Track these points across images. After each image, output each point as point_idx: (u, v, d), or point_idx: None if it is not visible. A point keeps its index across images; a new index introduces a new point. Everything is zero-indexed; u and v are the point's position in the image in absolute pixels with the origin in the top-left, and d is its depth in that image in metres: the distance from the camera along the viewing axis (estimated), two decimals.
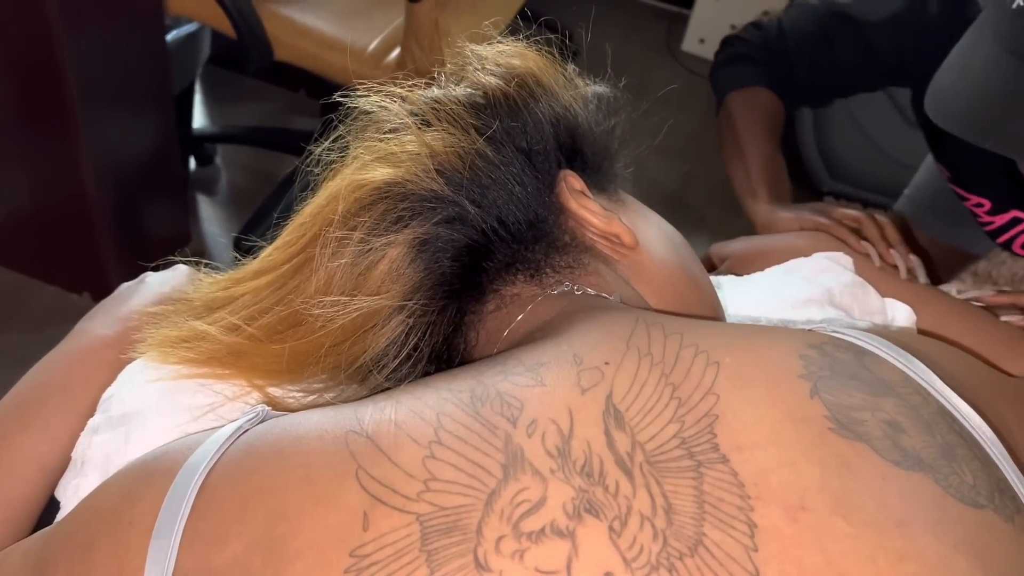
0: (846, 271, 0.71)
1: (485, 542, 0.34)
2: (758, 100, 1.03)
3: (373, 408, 0.40)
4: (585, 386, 0.39)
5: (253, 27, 1.44)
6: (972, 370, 0.49)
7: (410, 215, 0.48)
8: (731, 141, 1.02)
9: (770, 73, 1.03)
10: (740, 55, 1.05)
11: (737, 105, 1.03)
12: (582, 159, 0.55)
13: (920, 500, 0.36)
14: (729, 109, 1.04)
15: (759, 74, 1.04)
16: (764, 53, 1.03)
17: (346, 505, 0.35)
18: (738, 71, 1.05)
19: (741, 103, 1.03)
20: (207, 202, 1.93)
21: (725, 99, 1.05)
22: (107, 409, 0.53)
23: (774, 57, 1.03)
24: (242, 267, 0.54)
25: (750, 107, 1.03)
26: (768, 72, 1.03)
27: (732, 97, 1.04)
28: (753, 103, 1.03)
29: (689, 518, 0.35)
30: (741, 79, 1.05)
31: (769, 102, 1.04)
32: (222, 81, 2.17)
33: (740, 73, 1.05)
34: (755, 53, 1.04)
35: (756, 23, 1.06)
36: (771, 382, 0.39)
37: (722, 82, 1.07)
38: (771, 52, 1.03)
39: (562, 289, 0.50)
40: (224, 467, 0.39)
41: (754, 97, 1.04)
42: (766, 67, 1.03)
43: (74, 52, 1.28)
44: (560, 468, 0.36)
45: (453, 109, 0.51)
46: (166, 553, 0.37)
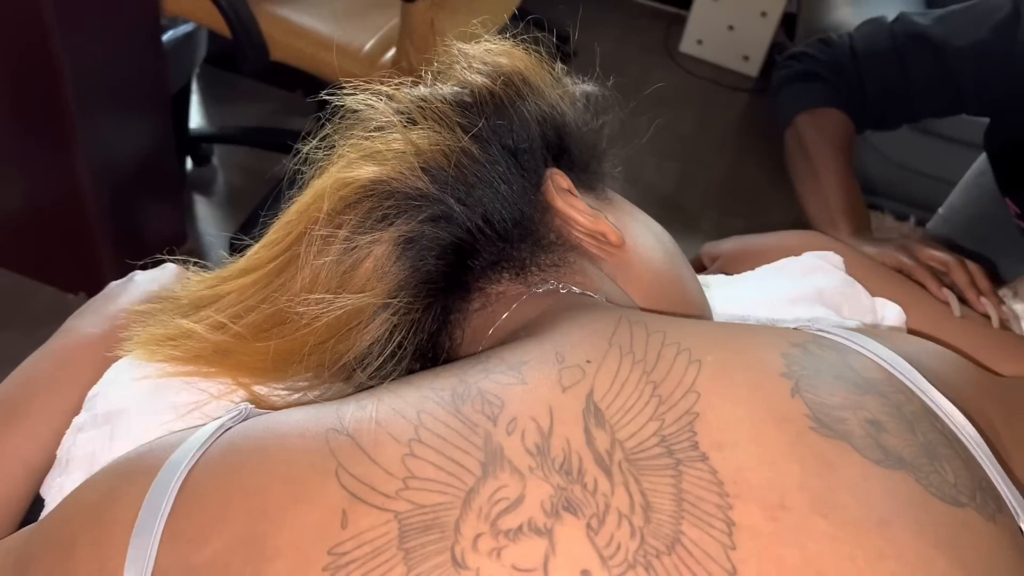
0: (836, 270, 0.71)
1: (463, 540, 0.34)
2: (831, 122, 0.98)
3: (355, 406, 0.40)
4: (566, 384, 0.39)
5: (249, 27, 1.44)
6: (958, 369, 0.49)
7: (395, 213, 0.48)
8: (805, 166, 0.96)
9: (842, 94, 0.98)
10: (809, 73, 1.00)
11: (809, 127, 0.98)
12: (569, 158, 0.55)
13: (901, 499, 0.36)
14: (800, 131, 0.98)
15: (831, 94, 0.98)
16: (835, 73, 0.98)
17: (326, 503, 0.35)
18: (808, 90, 0.99)
19: (813, 125, 0.98)
20: (204, 202, 1.93)
21: (794, 120, 0.99)
22: (92, 407, 0.53)
23: (846, 78, 0.98)
24: (229, 265, 0.54)
25: (823, 130, 0.97)
26: (840, 93, 0.98)
27: (803, 118, 0.99)
28: (826, 126, 0.97)
29: (667, 516, 0.34)
30: (812, 99, 0.99)
31: (842, 125, 0.98)
32: (218, 81, 2.17)
33: (810, 93, 0.99)
34: (825, 72, 0.99)
35: (825, 40, 1.01)
36: (753, 380, 0.39)
37: (790, 101, 1.01)
38: (843, 72, 0.98)
39: (547, 288, 0.50)
40: (205, 465, 0.39)
41: (826, 119, 0.98)
42: (837, 87, 0.98)
43: (70, 52, 1.28)
44: (539, 466, 0.36)
45: (439, 107, 0.51)
46: (146, 551, 0.37)
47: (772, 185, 2.28)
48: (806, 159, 0.96)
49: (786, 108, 1.01)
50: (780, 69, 1.04)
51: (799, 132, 0.98)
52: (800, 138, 0.98)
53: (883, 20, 0.99)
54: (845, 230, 0.89)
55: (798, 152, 0.98)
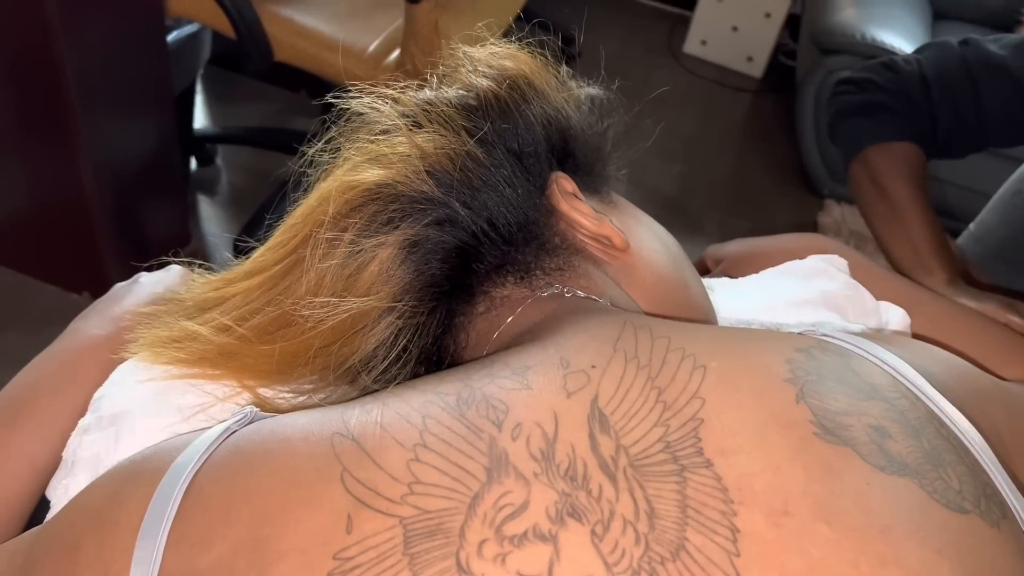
0: (840, 273, 0.71)
1: (468, 546, 0.34)
2: (907, 158, 0.92)
3: (360, 410, 0.40)
4: (571, 390, 0.39)
5: (253, 28, 1.45)
6: (963, 374, 0.49)
7: (400, 217, 0.49)
8: (884, 208, 0.92)
9: (913, 126, 0.93)
10: (875, 104, 0.94)
11: (884, 164, 0.92)
12: (574, 161, 0.55)
13: (904, 505, 0.36)
14: (874, 167, 0.93)
15: (902, 127, 0.93)
16: (905, 103, 0.93)
17: (330, 507, 0.36)
18: (878, 123, 0.94)
19: (888, 162, 0.92)
20: (207, 202, 1.93)
21: (863, 154, 0.94)
22: (98, 409, 0.53)
23: (916, 108, 0.93)
24: (234, 268, 0.54)
25: (900, 167, 0.92)
26: (911, 125, 0.93)
27: (874, 154, 0.93)
28: (902, 162, 0.92)
29: (672, 523, 0.34)
30: (883, 132, 0.93)
31: (917, 159, 0.93)
32: (222, 81, 2.18)
33: (881, 125, 0.94)
34: (894, 103, 0.93)
35: (889, 65, 0.96)
36: (757, 386, 0.39)
37: (858, 134, 0.95)
38: (913, 103, 0.93)
39: (552, 291, 0.50)
40: (211, 468, 0.39)
41: (901, 154, 0.93)
42: (909, 119, 0.93)
43: (74, 52, 1.29)
44: (544, 472, 0.36)
45: (444, 111, 0.51)
46: (151, 554, 0.37)
47: (776, 186, 2.28)
48: (884, 199, 0.92)
49: (853, 142, 0.96)
50: (839, 95, 0.99)
51: (873, 169, 0.93)
52: (875, 175, 0.93)
53: (950, 45, 0.95)
54: (940, 277, 0.86)
55: (873, 191, 0.93)
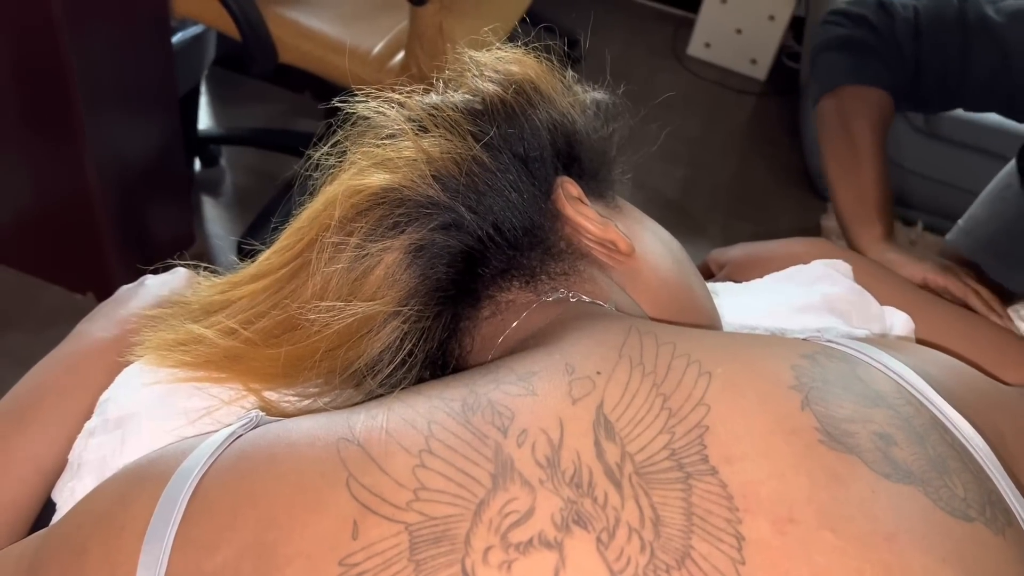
0: (844, 278, 0.71)
1: (473, 552, 0.34)
2: (881, 109, 0.91)
3: (365, 415, 0.40)
4: (576, 396, 0.39)
5: (257, 29, 1.45)
6: (967, 380, 0.49)
7: (406, 221, 0.49)
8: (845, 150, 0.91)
9: (895, 74, 0.92)
10: (862, 42, 0.92)
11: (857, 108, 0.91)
12: (579, 166, 0.55)
13: (909, 513, 0.36)
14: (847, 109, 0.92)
15: (883, 73, 0.92)
16: (893, 51, 0.91)
17: (336, 513, 0.36)
18: (862, 65, 0.92)
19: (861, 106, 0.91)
20: (212, 203, 1.93)
21: (839, 89, 0.93)
22: (104, 412, 0.53)
23: (902, 59, 0.91)
24: (240, 271, 0.54)
25: (873, 116, 0.91)
26: (893, 73, 0.92)
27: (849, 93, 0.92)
28: (874, 109, 0.91)
29: (677, 530, 0.35)
30: (864, 75, 0.92)
31: (889, 110, 0.92)
32: (226, 82, 2.18)
33: (864, 68, 0.92)
34: (882, 47, 0.92)
35: (884, 4, 0.93)
36: (762, 393, 0.39)
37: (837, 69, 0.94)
38: (901, 51, 0.91)
39: (557, 296, 0.50)
40: (217, 473, 0.39)
41: (875, 101, 0.92)
42: (891, 67, 0.92)
43: (80, 53, 1.29)
44: (549, 478, 0.36)
45: (450, 115, 0.51)
46: (157, 558, 0.37)
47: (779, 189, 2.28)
48: (847, 141, 0.90)
49: (827, 76, 0.95)
50: (829, 24, 0.97)
51: (845, 108, 0.92)
52: (845, 116, 0.91)
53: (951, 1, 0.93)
54: (878, 231, 0.86)
55: (839, 130, 0.92)
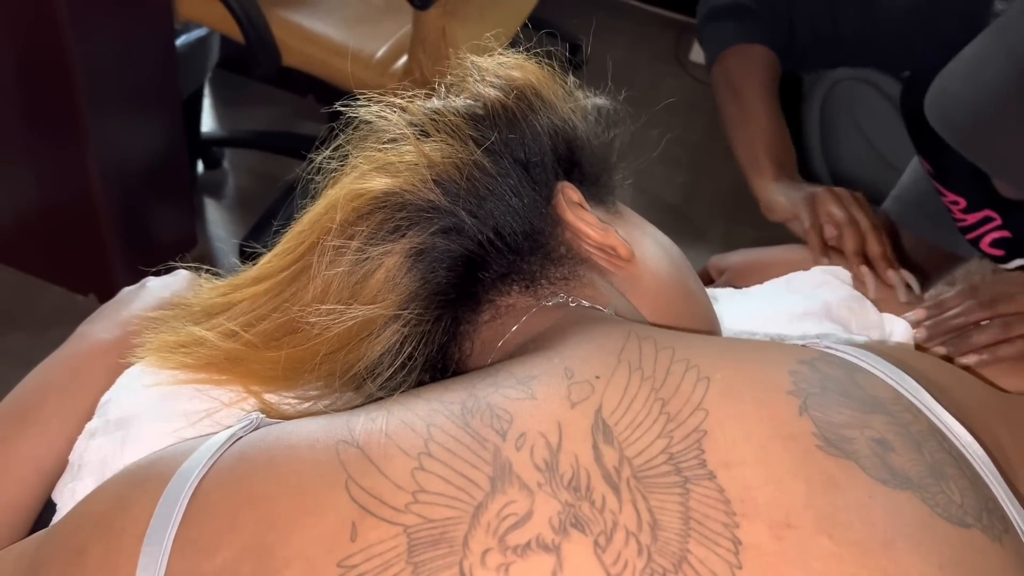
0: (844, 285, 0.71)
1: (471, 555, 0.34)
2: (760, 60, 0.97)
3: (365, 418, 0.40)
4: (575, 400, 0.39)
5: (261, 32, 1.45)
6: (965, 387, 0.49)
7: (407, 225, 0.49)
8: (734, 109, 0.95)
9: (771, 31, 0.97)
10: (739, 6, 0.98)
11: (738, 65, 0.97)
12: (580, 171, 0.56)
13: (906, 519, 0.36)
14: (728, 69, 0.97)
15: (760, 31, 0.97)
16: (768, 10, 0.97)
17: (335, 515, 0.36)
18: (740, 25, 0.98)
19: (742, 63, 0.97)
20: (214, 205, 1.94)
21: (723, 53, 0.98)
22: (104, 413, 0.54)
23: (777, 16, 0.97)
24: (241, 273, 0.54)
25: (754, 69, 0.96)
26: (769, 30, 0.97)
27: (731, 55, 0.98)
28: (757, 64, 0.97)
29: (674, 534, 0.35)
30: (741, 34, 0.98)
31: (772, 63, 0.97)
32: (229, 84, 2.18)
33: (740, 28, 0.98)
34: (758, 7, 0.98)
35: None
36: (760, 398, 0.39)
37: (718, 35, 0.99)
38: (774, 10, 0.97)
39: (557, 301, 0.50)
40: (216, 474, 0.40)
41: (756, 57, 0.97)
42: (767, 25, 0.97)
43: (84, 55, 1.29)
44: (547, 482, 0.36)
45: (452, 120, 0.51)
46: (157, 559, 0.37)
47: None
48: (736, 100, 0.95)
49: (713, 43, 1.00)
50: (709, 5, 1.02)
51: (727, 70, 0.97)
52: (729, 76, 0.96)
53: None
54: (768, 174, 0.89)
55: (727, 92, 0.96)
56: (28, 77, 1.35)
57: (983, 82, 0.70)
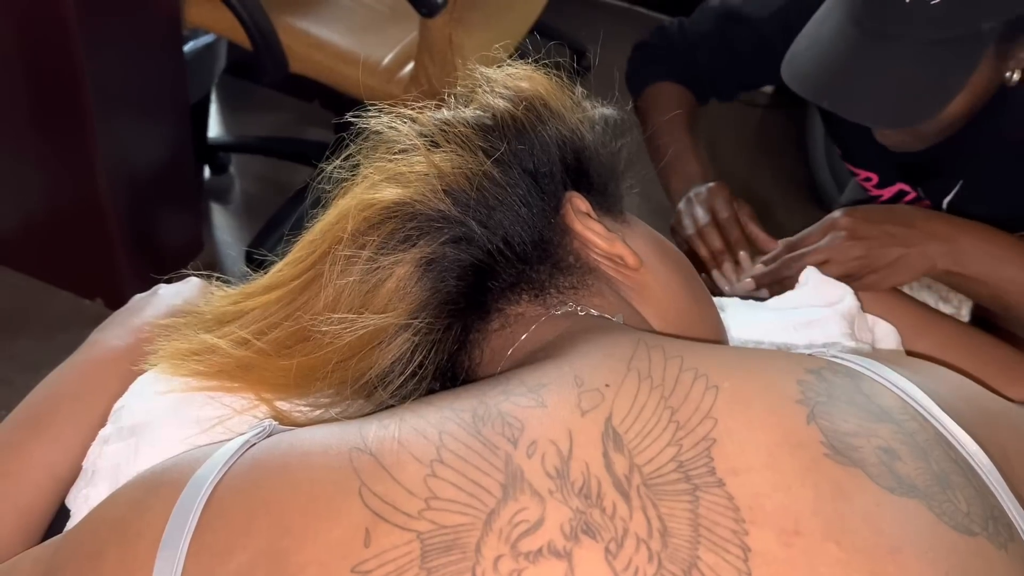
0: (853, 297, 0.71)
1: (483, 561, 0.34)
2: (668, 94, 1.12)
3: (377, 425, 0.40)
4: (585, 408, 0.40)
5: (269, 39, 1.46)
6: (971, 395, 0.49)
7: (417, 235, 0.49)
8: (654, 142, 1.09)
9: (677, 69, 1.12)
10: (648, 57, 1.15)
11: (649, 102, 1.13)
12: (588, 181, 0.56)
13: (913, 527, 0.36)
14: (644, 107, 1.13)
15: (667, 70, 1.13)
16: (668, 52, 1.13)
17: (349, 521, 0.36)
18: (647, 71, 1.14)
19: (653, 99, 1.13)
20: (220, 210, 1.94)
21: (640, 97, 1.14)
22: (118, 420, 0.54)
23: (677, 55, 1.12)
24: (253, 281, 0.55)
25: (661, 102, 1.11)
26: (675, 69, 1.13)
27: (645, 95, 1.13)
28: (664, 97, 1.12)
29: (684, 541, 0.35)
30: (649, 77, 1.14)
31: (677, 93, 1.13)
32: (235, 90, 2.19)
33: (648, 72, 1.14)
34: (660, 53, 1.14)
35: (661, 27, 1.16)
36: (768, 407, 0.40)
37: (634, 82, 1.15)
38: (674, 50, 1.12)
39: (566, 309, 0.51)
40: (231, 480, 0.40)
41: (664, 92, 1.13)
42: (672, 65, 1.13)
43: (93, 60, 1.30)
44: (559, 489, 0.36)
45: (462, 131, 0.52)
46: (172, 565, 0.38)
47: (785, 202, 2.28)
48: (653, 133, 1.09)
49: (631, 89, 1.16)
50: (629, 61, 1.18)
51: (643, 109, 1.13)
52: (644, 113, 1.13)
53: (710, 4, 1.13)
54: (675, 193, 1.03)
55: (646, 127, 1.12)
56: (37, 82, 1.36)
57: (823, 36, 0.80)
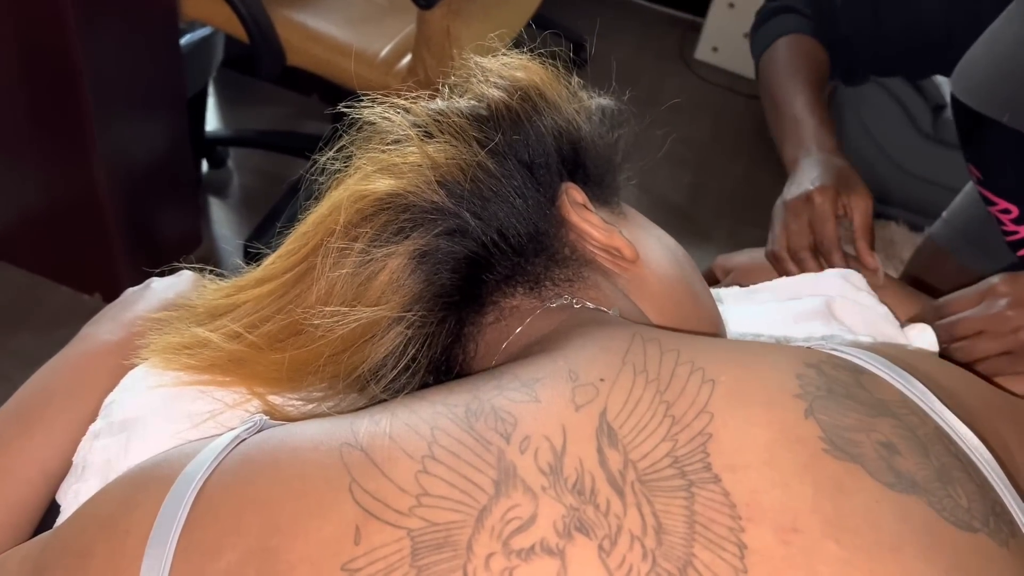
0: (859, 290, 0.71)
1: (475, 559, 0.34)
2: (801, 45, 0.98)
3: (369, 421, 0.40)
4: (579, 403, 0.39)
5: (266, 32, 1.45)
6: (972, 389, 0.49)
7: (411, 226, 0.49)
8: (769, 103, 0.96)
9: (818, 28, 0.99)
10: (784, 7, 1.01)
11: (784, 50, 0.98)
12: (584, 172, 0.55)
13: (913, 523, 0.36)
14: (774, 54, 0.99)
15: (808, 25, 0.99)
16: (810, 6, 1.00)
17: (339, 518, 0.36)
18: (783, 20, 1.01)
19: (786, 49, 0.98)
20: (219, 204, 1.94)
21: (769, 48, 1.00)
22: (108, 415, 0.54)
23: (820, 13, 0.99)
24: (245, 274, 0.54)
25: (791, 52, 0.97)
26: (816, 26, 0.99)
27: (779, 43, 0.99)
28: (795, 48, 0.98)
29: (679, 538, 0.34)
30: (787, 27, 1.00)
31: (812, 47, 0.98)
32: (233, 84, 2.19)
33: (786, 22, 1.00)
34: (800, 6, 1.00)
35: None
36: (766, 401, 0.39)
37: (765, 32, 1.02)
38: (818, 7, 0.99)
39: (561, 302, 0.50)
40: (220, 477, 0.40)
41: (797, 43, 0.99)
42: (814, 21, 1.00)
43: (89, 54, 1.30)
44: (552, 485, 0.36)
45: (456, 121, 0.51)
46: (161, 562, 0.37)
47: None
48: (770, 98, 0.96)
49: (761, 40, 1.02)
50: (758, 12, 1.05)
51: (773, 56, 0.98)
52: (773, 61, 0.98)
53: None
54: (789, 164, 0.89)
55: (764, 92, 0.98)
56: (34, 77, 1.35)
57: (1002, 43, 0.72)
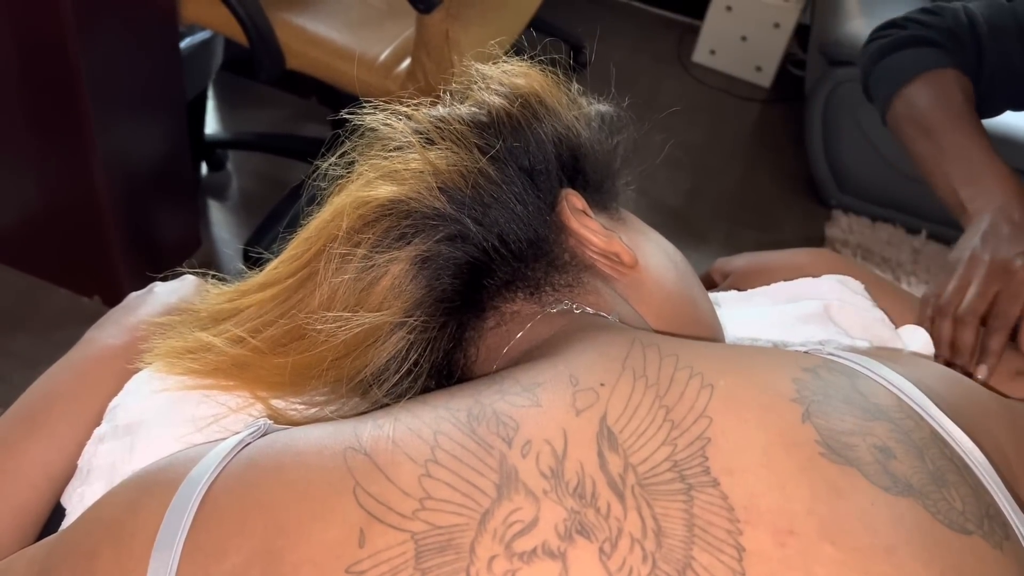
0: (856, 295, 0.71)
1: (478, 561, 0.34)
2: (952, 85, 0.85)
3: (372, 425, 0.40)
4: (580, 407, 0.39)
5: (265, 36, 1.46)
6: (967, 393, 0.49)
7: (413, 232, 0.49)
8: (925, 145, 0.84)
9: (959, 60, 0.86)
10: (919, 38, 0.88)
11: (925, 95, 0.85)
12: (584, 178, 0.56)
13: (908, 526, 0.36)
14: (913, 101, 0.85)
15: (948, 58, 0.86)
16: (951, 39, 0.87)
17: (343, 521, 0.36)
18: (922, 54, 0.87)
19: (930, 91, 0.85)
20: (218, 207, 1.94)
21: (903, 89, 0.87)
22: (113, 418, 0.54)
23: (962, 45, 0.86)
24: (248, 279, 0.55)
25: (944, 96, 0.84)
26: (957, 59, 0.86)
27: (916, 86, 0.85)
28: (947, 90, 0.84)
29: (679, 541, 0.35)
30: (927, 62, 0.86)
31: (963, 84, 0.85)
32: (232, 86, 2.19)
33: (924, 56, 0.86)
34: (939, 38, 0.87)
35: (931, 9, 0.91)
36: (764, 406, 0.40)
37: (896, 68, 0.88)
38: (959, 39, 0.86)
39: (561, 307, 0.50)
40: (225, 480, 0.40)
41: (947, 82, 0.85)
42: (954, 54, 0.86)
43: (89, 57, 1.30)
44: (553, 489, 0.36)
45: (457, 128, 0.52)
46: (167, 564, 0.37)
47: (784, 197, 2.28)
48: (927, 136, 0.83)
49: (892, 79, 0.88)
50: (875, 40, 0.93)
51: (912, 103, 0.86)
52: (914, 109, 0.85)
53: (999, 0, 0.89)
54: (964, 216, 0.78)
55: (913, 128, 0.85)
56: (33, 80, 1.36)
57: None
